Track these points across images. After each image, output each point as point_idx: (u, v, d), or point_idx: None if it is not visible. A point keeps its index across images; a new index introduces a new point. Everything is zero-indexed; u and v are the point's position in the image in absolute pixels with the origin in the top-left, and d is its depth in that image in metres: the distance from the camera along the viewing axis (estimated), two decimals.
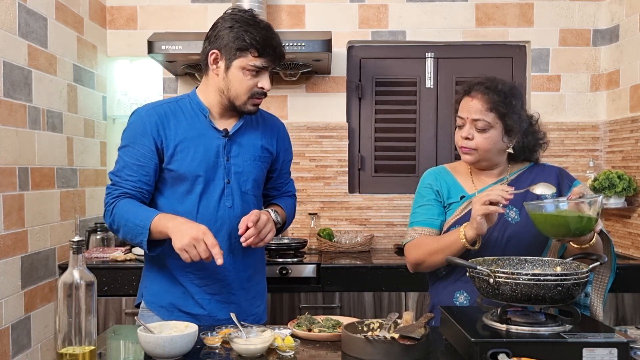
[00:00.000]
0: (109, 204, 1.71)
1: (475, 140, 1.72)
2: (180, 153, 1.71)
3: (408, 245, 1.80)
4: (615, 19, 3.14)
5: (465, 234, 1.62)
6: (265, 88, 1.72)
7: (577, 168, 3.20)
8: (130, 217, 1.66)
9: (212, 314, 1.76)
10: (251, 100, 1.72)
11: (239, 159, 1.77)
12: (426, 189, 1.84)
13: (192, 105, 1.77)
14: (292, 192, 2.02)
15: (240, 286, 1.80)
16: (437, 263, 1.72)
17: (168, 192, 1.75)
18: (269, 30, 1.70)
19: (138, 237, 1.65)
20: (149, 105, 1.78)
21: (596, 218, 1.46)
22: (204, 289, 1.76)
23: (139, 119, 1.73)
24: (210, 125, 1.75)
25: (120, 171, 1.72)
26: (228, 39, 1.68)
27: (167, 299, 1.77)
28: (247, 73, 1.69)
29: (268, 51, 1.68)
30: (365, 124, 3.35)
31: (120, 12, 3.26)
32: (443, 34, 3.26)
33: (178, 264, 1.71)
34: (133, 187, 1.71)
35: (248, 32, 1.66)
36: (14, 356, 2.31)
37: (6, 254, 2.25)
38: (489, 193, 1.55)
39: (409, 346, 1.32)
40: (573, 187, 1.75)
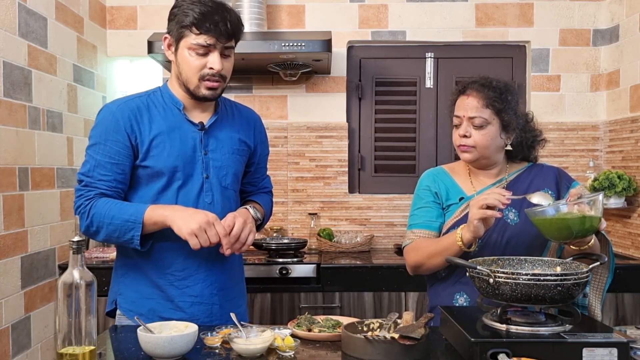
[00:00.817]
0: (84, 206, 1.60)
1: (473, 137, 1.72)
2: (156, 148, 1.63)
3: (407, 248, 1.81)
4: (615, 19, 3.14)
5: (462, 237, 1.62)
6: (215, 68, 1.60)
7: (577, 168, 3.20)
8: (115, 214, 1.58)
9: (194, 317, 1.68)
10: (203, 83, 1.62)
11: (217, 152, 1.70)
12: (424, 191, 1.84)
13: (164, 98, 1.70)
14: (269, 188, 1.96)
15: (221, 286, 1.73)
16: (436, 266, 1.72)
17: (143, 190, 1.67)
18: (213, 6, 1.60)
19: (128, 233, 1.57)
20: (119, 100, 1.69)
21: (599, 217, 1.46)
22: (184, 291, 1.68)
23: (110, 114, 1.64)
24: (185, 119, 1.68)
25: (91, 171, 1.62)
26: (174, 21, 1.63)
27: (146, 305, 1.69)
28: (193, 53, 1.61)
29: (209, 26, 1.57)
30: (365, 124, 3.35)
31: (120, 12, 3.26)
32: (443, 34, 3.26)
33: (157, 265, 1.67)
34: (108, 187, 1.62)
35: (189, 9, 1.59)
36: (14, 356, 2.31)
37: (6, 254, 2.25)
38: (486, 197, 1.54)
39: (409, 346, 1.32)
40: (571, 187, 1.76)
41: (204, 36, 1.59)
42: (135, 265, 1.70)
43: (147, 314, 1.67)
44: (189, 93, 1.67)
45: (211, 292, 1.70)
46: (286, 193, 3.27)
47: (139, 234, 1.58)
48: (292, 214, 3.28)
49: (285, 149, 3.27)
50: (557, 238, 1.50)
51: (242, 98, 3.28)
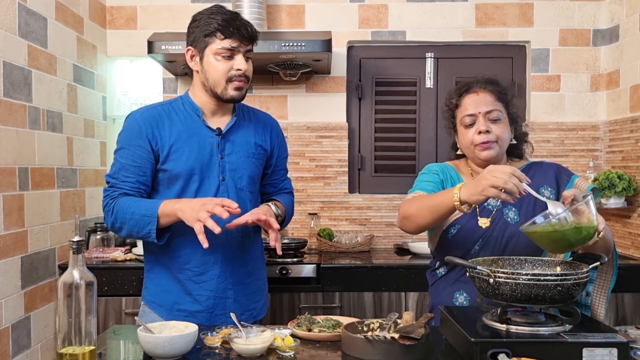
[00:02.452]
0: (109, 205, 1.75)
1: (494, 131, 1.70)
2: (175, 153, 1.76)
3: (404, 201, 1.73)
4: (615, 19, 3.14)
5: (459, 196, 1.51)
6: (242, 69, 1.74)
7: (577, 168, 3.20)
8: (135, 210, 1.70)
9: (209, 309, 1.80)
10: (230, 84, 1.75)
11: (233, 156, 1.81)
12: (433, 174, 1.81)
13: (185, 106, 1.82)
14: (289, 189, 2.05)
15: (238, 281, 1.83)
16: (422, 220, 1.63)
17: (164, 192, 1.79)
18: (233, 14, 1.75)
19: (145, 227, 1.69)
20: (143, 108, 1.83)
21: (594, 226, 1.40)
22: (201, 286, 1.79)
23: (134, 121, 1.78)
24: (203, 125, 1.80)
25: (117, 173, 1.76)
26: (196, 32, 1.76)
27: (166, 298, 1.81)
28: (219, 57, 1.73)
29: (232, 31, 1.71)
30: (365, 124, 3.35)
31: (120, 12, 3.26)
32: (443, 34, 3.26)
33: (177, 261, 1.79)
34: (131, 188, 1.75)
35: (211, 18, 1.73)
36: (14, 356, 2.31)
37: (6, 254, 2.25)
38: (507, 180, 1.41)
39: (409, 346, 1.32)
40: (571, 182, 1.75)
41: (229, 40, 1.72)
42: (157, 260, 1.83)
43: (166, 305, 1.81)
44: (216, 97, 1.78)
45: (226, 287, 1.81)
46: None
47: (154, 227, 1.68)
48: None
49: None
50: (555, 251, 1.48)
51: None
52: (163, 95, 3.27)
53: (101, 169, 3.18)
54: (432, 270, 1.87)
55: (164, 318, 1.77)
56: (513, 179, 1.42)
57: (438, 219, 1.62)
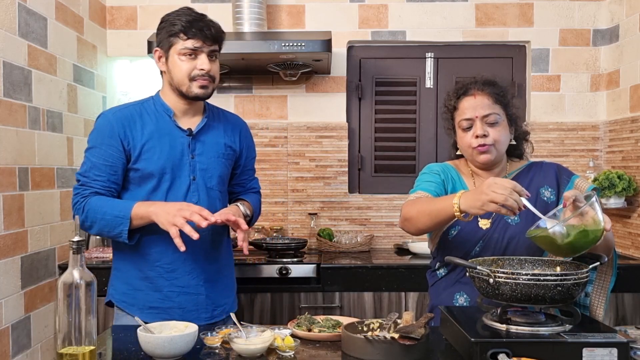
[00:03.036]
0: (79, 203, 1.77)
1: (492, 135, 1.70)
2: (147, 152, 1.79)
3: (406, 202, 1.74)
4: (615, 19, 3.14)
5: (459, 205, 1.51)
6: (205, 69, 1.78)
7: (577, 168, 3.20)
8: (107, 210, 1.73)
9: (181, 305, 1.84)
10: (194, 82, 1.79)
11: (203, 156, 1.86)
12: (434, 174, 1.81)
13: (156, 106, 1.86)
14: (257, 188, 2.11)
15: (208, 278, 1.88)
16: (422, 224, 1.64)
17: (136, 190, 1.83)
18: (198, 15, 1.80)
19: (117, 227, 1.72)
20: (115, 108, 1.88)
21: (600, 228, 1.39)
22: (173, 282, 1.83)
23: (106, 121, 1.81)
24: (174, 125, 1.84)
25: (88, 172, 1.79)
26: (162, 33, 1.82)
27: (137, 297, 1.84)
28: (183, 57, 1.78)
29: (195, 32, 1.76)
30: (365, 124, 3.35)
31: (120, 12, 3.26)
32: (443, 34, 3.26)
33: (148, 259, 1.83)
34: (102, 187, 1.78)
35: (175, 19, 1.78)
36: (14, 356, 2.31)
37: (6, 254, 2.25)
38: (507, 197, 1.41)
39: (409, 346, 1.32)
40: (571, 182, 1.75)
41: (192, 40, 1.77)
42: (126, 258, 1.86)
43: (138, 304, 1.84)
44: (182, 96, 1.82)
45: (197, 284, 1.85)
46: (286, 193, 3.27)
47: (126, 228, 1.72)
48: (292, 214, 3.28)
49: (285, 149, 3.27)
50: (564, 255, 1.45)
51: (242, 98, 3.28)
52: None
53: None
54: (432, 271, 1.86)
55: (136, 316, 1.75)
56: (513, 195, 1.42)
57: (437, 224, 1.63)
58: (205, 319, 1.84)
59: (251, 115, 3.28)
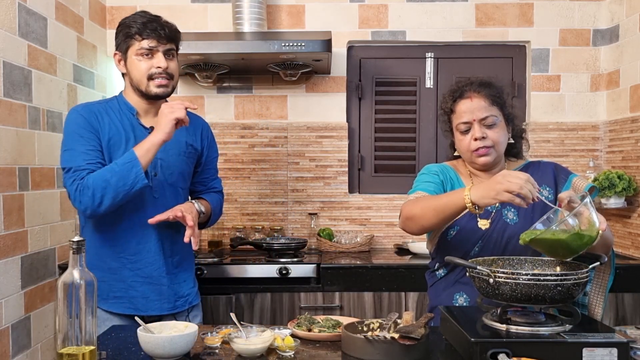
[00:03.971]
0: (81, 185, 1.79)
1: (490, 137, 1.70)
2: (112, 147, 1.88)
3: (406, 202, 1.72)
4: (615, 19, 3.14)
5: (470, 197, 1.50)
6: (162, 66, 1.87)
7: (577, 168, 3.20)
8: (112, 167, 1.79)
9: (145, 295, 1.93)
10: (152, 82, 1.88)
11: (165, 153, 1.93)
12: (433, 175, 1.80)
13: (120, 105, 1.95)
14: (219, 188, 2.19)
15: (169, 271, 1.96)
16: (427, 221, 1.62)
17: None
18: (153, 17, 1.90)
19: (131, 173, 1.76)
20: (82, 104, 1.96)
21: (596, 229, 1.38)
22: (136, 273, 1.92)
23: (79, 115, 1.88)
24: (138, 123, 1.93)
25: (76, 159, 1.82)
26: (119, 37, 1.92)
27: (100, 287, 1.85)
28: (140, 57, 1.87)
29: (149, 32, 1.86)
30: (365, 124, 3.35)
31: (120, 12, 3.26)
32: (443, 34, 3.26)
33: (112, 250, 1.91)
34: (96, 168, 1.83)
35: (131, 22, 1.88)
36: (14, 356, 2.31)
37: (6, 254, 2.25)
38: (522, 185, 1.41)
39: (409, 346, 1.32)
40: (569, 181, 1.75)
41: (147, 40, 1.86)
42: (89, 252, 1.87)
43: (101, 294, 1.84)
44: (142, 95, 1.92)
45: (160, 274, 1.94)
46: (286, 193, 3.27)
47: (140, 167, 1.78)
48: (292, 214, 3.28)
49: (285, 149, 3.27)
50: (559, 257, 1.46)
51: (242, 98, 3.28)
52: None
53: None
54: (432, 272, 1.86)
55: (100, 307, 1.86)
56: (528, 185, 1.42)
57: (444, 220, 1.62)
58: (168, 309, 1.94)
59: (251, 115, 3.28)
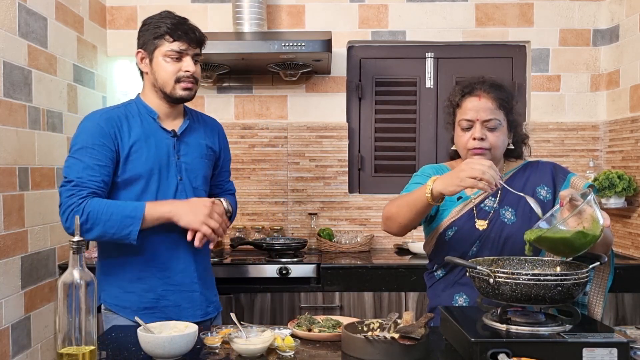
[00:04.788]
0: (76, 204, 1.70)
1: (489, 139, 1.70)
2: (135, 154, 1.80)
3: (386, 204, 1.76)
4: (615, 19, 3.14)
5: (432, 189, 1.54)
6: (190, 70, 1.81)
7: (577, 168, 3.20)
8: (114, 210, 1.71)
9: (177, 303, 1.85)
10: (179, 84, 1.82)
11: (188, 157, 1.89)
12: (426, 177, 1.80)
13: (139, 109, 1.88)
14: (233, 190, 2.16)
15: (199, 276, 1.90)
16: (402, 218, 1.66)
17: (124, 193, 1.81)
18: (181, 18, 1.84)
19: (126, 228, 1.70)
20: (100, 111, 1.87)
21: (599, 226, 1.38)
22: (166, 281, 1.84)
23: (94, 123, 1.80)
24: (159, 127, 1.86)
25: (81, 172, 1.74)
26: (145, 35, 1.86)
27: (130, 299, 1.83)
28: (169, 59, 1.81)
29: (180, 34, 1.80)
30: (365, 124, 3.35)
31: (120, 12, 3.26)
32: (443, 34, 3.26)
33: (140, 260, 1.82)
34: (98, 187, 1.75)
35: (160, 22, 1.82)
36: (14, 356, 2.31)
37: (6, 254, 2.25)
38: (485, 171, 1.46)
39: (409, 346, 1.32)
40: (567, 181, 1.75)
41: (177, 43, 1.80)
42: (116, 263, 1.84)
43: (131, 306, 1.81)
44: (165, 97, 1.85)
45: (192, 281, 1.88)
46: (286, 193, 3.27)
47: (137, 229, 1.71)
48: (292, 214, 3.28)
49: (285, 149, 3.27)
50: (567, 255, 1.45)
51: (242, 98, 3.28)
52: None
53: None
54: (430, 273, 1.86)
55: (130, 319, 1.78)
56: (490, 171, 1.47)
57: (418, 214, 1.63)
58: (200, 316, 1.87)
59: (251, 115, 3.28)
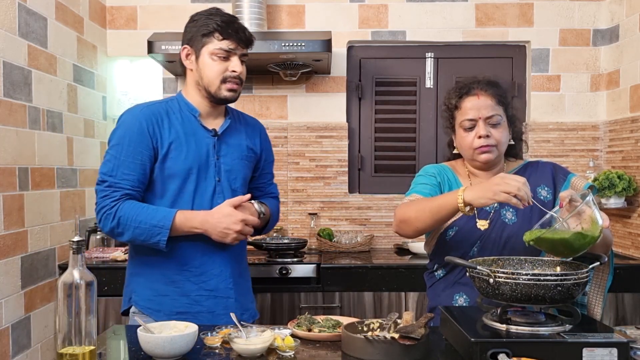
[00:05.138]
0: (109, 207, 1.68)
1: (494, 136, 1.70)
2: (174, 151, 1.74)
3: (400, 204, 1.73)
4: (615, 19, 3.14)
5: (464, 198, 1.53)
6: (237, 71, 1.75)
7: (577, 168, 3.20)
8: (143, 218, 1.67)
9: (210, 309, 1.79)
10: (225, 85, 1.76)
11: (227, 157, 1.82)
12: (430, 177, 1.80)
13: (181, 105, 1.81)
14: (275, 193, 2.06)
15: (234, 281, 1.83)
16: (422, 224, 1.64)
17: (161, 192, 1.76)
18: (231, 17, 1.77)
19: (154, 237, 1.67)
20: (141, 105, 1.80)
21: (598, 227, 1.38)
22: (201, 286, 1.78)
23: (134, 118, 1.74)
24: (200, 125, 1.80)
25: (114, 170, 1.70)
26: (193, 30, 1.77)
27: (163, 302, 1.77)
28: (216, 58, 1.74)
29: (231, 33, 1.73)
30: (365, 124, 3.35)
31: (120, 12, 3.26)
32: (443, 34, 3.26)
33: (175, 263, 1.76)
34: (132, 187, 1.70)
35: (210, 19, 1.74)
36: (14, 356, 2.31)
37: (6, 254, 2.25)
38: (520, 187, 1.45)
39: (409, 346, 1.32)
40: (567, 181, 1.75)
41: (227, 41, 1.73)
42: (150, 263, 1.78)
43: (164, 309, 1.76)
44: (210, 96, 1.78)
45: (227, 286, 1.81)
46: (286, 193, 3.27)
47: (165, 238, 1.67)
48: (292, 214, 3.28)
49: (285, 149, 3.27)
50: (566, 256, 1.45)
51: (242, 98, 3.27)
52: (163, 95, 3.26)
53: None
54: (430, 273, 1.86)
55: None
56: (525, 188, 1.46)
57: (439, 221, 1.62)
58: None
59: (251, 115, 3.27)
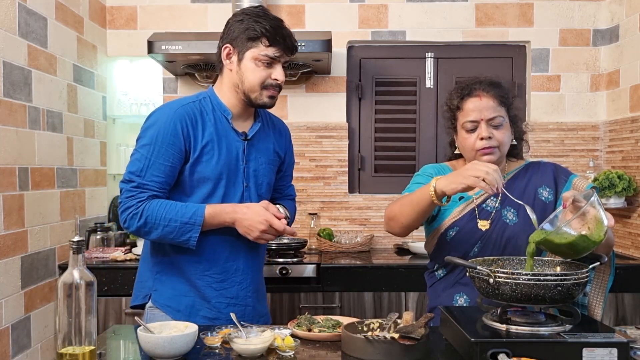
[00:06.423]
0: (135, 207, 1.63)
1: (496, 137, 1.70)
2: (206, 155, 1.69)
3: (389, 204, 1.75)
4: (615, 19, 3.14)
5: (435, 188, 1.54)
6: (279, 79, 1.70)
7: (577, 168, 3.20)
8: (172, 216, 1.63)
9: (228, 317, 1.71)
10: (265, 91, 1.70)
11: (255, 162, 1.78)
12: (427, 177, 1.80)
13: (214, 105, 1.75)
14: (293, 195, 2.03)
15: (254, 288, 1.82)
16: (405, 219, 1.65)
17: (190, 194, 1.72)
18: (279, 21, 1.70)
19: (185, 234, 1.64)
20: (174, 104, 1.73)
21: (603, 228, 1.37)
22: (221, 293, 1.75)
23: (167, 117, 1.67)
24: (231, 128, 1.74)
25: (143, 171, 1.64)
26: (239, 31, 1.69)
27: (184, 303, 1.74)
28: (260, 64, 1.68)
29: (278, 40, 1.67)
30: (365, 124, 3.35)
31: (120, 12, 3.26)
32: (443, 34, 3.26)
33: (197, 267, 1.73)
34: (160, 189, 1.66)
35: (258, 22, 1.67)
36: (14, 356, 2.31)
37: (6, 254, 2.25)
38: (489, 172, 1.46)
39: (409, 346, 1.32)
40: (569, 182, 1.75)
41: (273, 49, 1.68)
42: (172, 263, 1.75)
43: (184, 310, 1.73)
44: (248, 101, 1.73)
45: (246, 295, 1.79)
46: None
47: (196, 235, 1.64)
48: None
49: None
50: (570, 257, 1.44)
51: None
52: (163, 95, 3.27)
53: (101, 169, 3.18)
54: (430, 272, 1.86)
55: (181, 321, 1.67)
56: (495, 174, 1.47)
57: (420, 213, 1.62)
58: None
59: None
